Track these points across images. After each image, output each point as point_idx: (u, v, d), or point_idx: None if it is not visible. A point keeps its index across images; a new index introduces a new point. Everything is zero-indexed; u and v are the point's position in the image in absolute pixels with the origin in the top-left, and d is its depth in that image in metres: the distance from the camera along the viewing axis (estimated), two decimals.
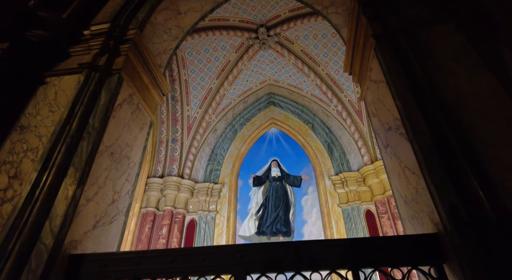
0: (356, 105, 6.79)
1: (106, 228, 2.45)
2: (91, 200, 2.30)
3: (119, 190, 2.71)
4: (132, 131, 3.06)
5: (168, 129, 7.02)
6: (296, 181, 6.79)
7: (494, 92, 2.04)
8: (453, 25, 2.50)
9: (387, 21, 2.67)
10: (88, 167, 2.29)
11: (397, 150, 2.36)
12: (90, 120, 2.54)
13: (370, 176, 6.27)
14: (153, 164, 6.86)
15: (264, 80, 7.69)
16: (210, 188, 6.78)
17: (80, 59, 2.98)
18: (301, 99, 7.62)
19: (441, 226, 1.73)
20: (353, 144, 6.79)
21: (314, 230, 6.17)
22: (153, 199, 6.51)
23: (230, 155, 7.52)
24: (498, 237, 1.54)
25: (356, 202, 6.18)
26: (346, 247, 1.80)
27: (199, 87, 7.09)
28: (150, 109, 3.50)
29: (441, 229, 1.73)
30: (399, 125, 2.27)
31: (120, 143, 2.80)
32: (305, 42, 6.81)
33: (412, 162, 2.07)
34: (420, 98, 2.15)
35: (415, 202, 2.10)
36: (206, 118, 7.23)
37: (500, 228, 1.56)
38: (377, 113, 2.82)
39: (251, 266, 1.81)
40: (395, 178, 2.49)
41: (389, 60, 2.45)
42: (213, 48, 6.81)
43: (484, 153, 1.80)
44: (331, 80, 6.89)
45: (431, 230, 1.85)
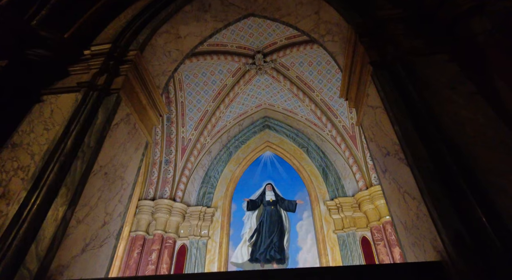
0: (350, 130, 6.87)
1: (95, 252, 2.33)
2: (81, 221, 2.20)
3: (111, 211, 2.61)
4: (128, 151, 3.01)
5: (162, 150, 6.94)
6: (291, 206, 6.68)
7: (490, 120, 2.08)
8: (447, 56, 2.59)
9: (384, 49, 2.75)
10: (81, 187, 2.21)
11: (396, 175, 2.35)
12: (86, 139, 2.49)
13: (366, 202, 6.22)
14: (145, 186, 6.71)
15: (260, 104, 7.78)
16: (202, 211, 6.61)
17: (79, 78, 2.98)
18: (296, 123, 7.69)
19: (445, 253, 1.69)
20: (347, 169, 6.79)
21: (309, 257, 5.98)
22: (143, 222, 6.29)
23: (224, 177, 7.42)
24: (505, 265, 1.51)
25: (351, 229, 6.07)
26: (347, 274, 1.73)
27: (195, 109, 7.12)
28: (147, 130, 3.47)
29: (445, 257, 1.69)
30: (397, 150, 2.28)
31: (114, 163, 2.74)
32: (300, 69, 6.99)
33: (412, 188, 2.06)
34: (418, 123, 2.17)
35: (416, 228, 2.06)
36: (201, 140, 7.20)
37: (506, 256, 1.52)
38: (375, 138, 2.84)
39: None
40: (394, 203, 2.46)
41: (386, 86, 2.50)
42: (211, 71, 6.93)
43: (486, 179, 1.80)
44: (326, 105, 7.02)
45: (434, 258, 1.81)
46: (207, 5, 3.89)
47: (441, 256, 1.73)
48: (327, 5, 3.45)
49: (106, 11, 3.70)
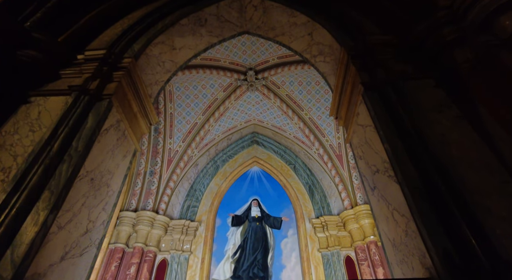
0: (337, 149, 6.98)
1: (75, 261, 2.21)
2: (63, 228, 2.10)
3: (94, 219, 2.51)
4: (115, 157, 2.94)
5: (147, 161, 6.80)
6: (276, 223, 6.60)
7: (474, 142, 2.17)
8: (434, 81, 2.72)
9: (374, 72, 2.86)
10: (65, 192, 2.13)
11: (385, 193, 2.39)
12: (74, 143, 2.42)
13: (350, 221, 6.24)
14: (127, 197, 6.49)
15: (249, 120, 7.83)
16: (186, 225, 6.42)
17: (70, 82, 2.93)
18: (284, 140, 7.75)
19: (433, 270, 1.71)
20: (333, 188, 6.84)
21: (293, 276, 5.87)
22: (123, 234, 6.04)
23: (209, 191, 7.30)
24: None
25: (336, 248, 6.03)
26: None
27: (184, 121, 7.08)
28: (136, 137, 3.42)
29: (434, 274, 1.70)
30: (387, 167, 2.33)
31: (101, 169, 2.66)
32: (291, 88, 7.14)
33: (401, 205, 2.09)
34: (407, 143, 2.24)
35: (405, 246, 2.07)
36: (189, 152, 7.12)
37: (494, 275, 1.55)
38: (364, 156, 2.90)
39: None
40: (382, 221, 2.48)
41: (377, 106, 2.59)
42: (202, 85, 6.97)
43: (472, 200, 1.85)
44: (314, 124, 7.13)
45: (422, 275, 1.82)
46: (204, 20, 3.96)
47: (430, 273, 1.74)
48: (320, 28, 3.59)
49: (102, 18, 3.71)
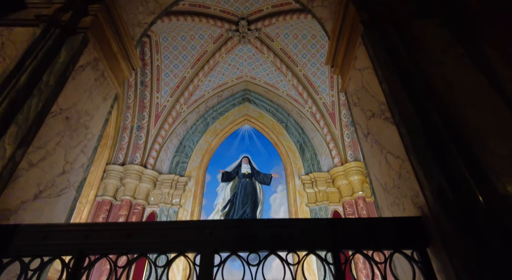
0: (330, 108, 6.83)
1: (51, 201, 2.10)
2: (35, 165, 1.95)
3: (72, 161, 2.36)
4: (94, 99, 2.72)
5: (134, 115, 6.55)
6: (266, 179, 6.63)
7: (479, 83, 2.04)
8: (439, 20, 2.52)
9: (375, 11, 2.65)
10: (35, 127, 1.95)
11: (380, 137, 2.29)
12: (44, 77, 2.19)
13: (340, 178, 6.29)
14: (114, 151, 6.34)
15: (241, 76, 7.52)
16: (175, 180, 6.39)
17: (38, 12, 2.61)
18: (276, 98, 7.54)
19: (426, 208, 1.65)
20: (324, 146, 6.80)
21: None
22: (111, 187, 5.98)
23: (199, 148, 7.20)
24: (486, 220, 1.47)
25: (324, 203, 6.14)
26: (328, 227, 1.65)
27: (172, 75, 6.73)
28: (117, 81, 3.17)
29: (426, 212, 1.64)
30: (384, 109, 2.20)
31: (78, 109, 2.46)
32: (285, 41, 6.77)
33: (396, 146, 2.00)
34: (407, 83, 2.10)
35: (397, 188, 2.01)
36: (177, 108, 6.88)
37: (488, 211, 1.49)
38: (359, 102, 2.76)
39: (221, 244, 1.60)
40: (375, 166, 2.41)
41: (377, 46, 2.41)
42: (190, 35, 6.53)
43: (473, 139, 1.75)
44: (308, 81, 6.89)
45: (414, 214, 1.77)
46: None
47: (422, 211, 1.69)
48: None
49: None
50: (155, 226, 1.68)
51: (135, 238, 1.62)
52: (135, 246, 1.61)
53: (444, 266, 1.49)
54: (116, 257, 1.59)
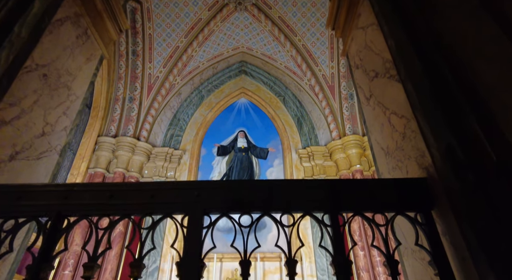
0: (330, 80, 6.61)
1: (30, 163, 1.95)
2: (8, 123, 1.79)
3: (53, 122, 2.20)
4: (76, 58, 2.52)
5: (125, 86, 6.31)
6: (263, 153, 6.52)
7: (496, 36, 1.86)
8: None
9: None
10: (6, 81, 1.77)
11: (383, 97, 2.14)
12: (16, 29, 1.97)
13: (337, 151, 6.20)
14: (106, 123, 6.16)
15: (237, 47, 7.21)
16: (169, 153, 6.27)
17: None
18: (274, 70, 7.28)
19: (432, 169, 1.53)
20: (322, 120, 6.65)
21: None
22: (103, 159, 5.85)
23: (194, 121, 7.02)
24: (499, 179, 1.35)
25: (321, 176, 6.08)
26: (326, 188, 1.53)
27: (165, 44, 6.43)
28: (103, 42, 2.95)
29: (432, 173, 1.52)
30: (389, 67, 2.04)
31: (57, 67, 2.27)
32: (284, 9, 6.42)
33: (401, 105, 1.85)
34: (415, 37, 1.92)
35: (400, 150, 1.89)
36: (170, 79, 6.62)
37: (501, 170, 1.37)
38: (362, 63, 2.58)
39: (210, 205, 1.48)
40: (376, 130, 2.28)
41: None
42: (184, 2, 6.17)
43: (488, 95, 1.60)
44: (307, 52, 6.62)
45: (418, 176, 1.65)
46: None
47: (428, 172, 1.56)
48: None
49: None
50: (139, 187, 1.55)
51: (117, 199, 1.50)
52: (117, 208, 1.49)
53: (450, 228, 1.39)
54: (97, 219, 1.46)
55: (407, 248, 1.82)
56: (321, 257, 5.29)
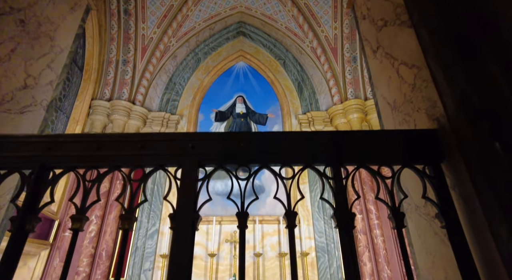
0: (332, 42, 6.31)
1: (13, 117, 1.83)
2: None
3: (36, 75, 2.05)
4: (58, 6, 2.30)
5: (118, 48, 6.01)
6: (262, 119, 6.40)
7: None
8: None
9: None
10: None
11: (392, 48, 1.98)
12: None
13: (338, 116, 6.07)
14: (100, 86, 5.96)
15: (235, 6, 6.79)
16: (166, 118, 6.14)
17: None
18: (274, 32, 6.92)
19: (444, 119, 1.41)
20: (324, 84, 6.45)
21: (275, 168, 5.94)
22: (98, 123, 5.74)
23: (190, 85, 6.81)
24: None
25: None
26: (328, 140, 1.43)
27: (158, 3, 6.03)
28: None
29: (444, 123, 1.41)
30: (400, 13, 1.86)
31: (37, 14, 2.07)
32: None
33: (412, 54, 1.70)
34: None
35: (409, 103, 1.77)
36: (165, 41, 6.30)
37: None
38: (369, 13, 2.38)
39: (206, 158, 1.39)
40: (383, 84, 2.14)
41: None
42: None
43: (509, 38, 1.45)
44: (309, 11, 6.24)
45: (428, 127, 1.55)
46: None
47: (439, 123, 1.45)
48: None
49: None
50: (129, 138, 1.44)
51: (106, 151, 1.40)
52: (106, 159, 1.39)
53: (461, 180, 1.31)
54: (84, 171, 1.38)
55: (411, 204, 1.76)
56: (318, 220, 5.37)
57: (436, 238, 1.48)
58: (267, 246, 5.28)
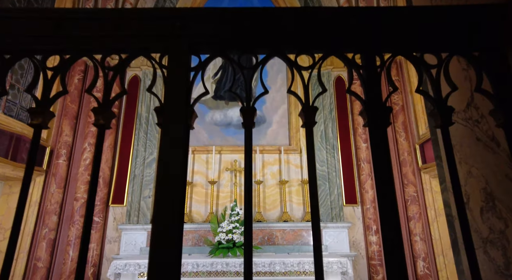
0: None
1: None
2: None
3: None
4: None
5: None
6: None
7: None
8: None
9: None
10: None
11: None
12: None
13: None
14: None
15: None
16: None
17: None
18: None
19: None
20: None
21: (278, 96, 5.65)
22: None
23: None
24: None
25: (328, 68, 5.60)
26: (359, 17, 1.10)
27: None
28: None
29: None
30: None
31: None
32: None
33: None
34: None
35: None
36: None
37: None
38: None
39: (199, 40, 1.07)
40: None
41: None
42: None
43: None
44: None
45: None
46: None
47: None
48: None
49: None
50: (97, 15, 1.10)
51: (68, 30, 1.07)
52: (69, 41, 1.07)
53: None
54: (42, 57, 1.07)
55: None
56: (320, 150, 5.27)
57: (478, 145, 1.25)
58: (267, 175, 5.28)
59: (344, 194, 5.04)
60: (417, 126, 4.89)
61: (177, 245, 0.81)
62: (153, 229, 0.81)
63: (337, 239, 4.78)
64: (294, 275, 3.95)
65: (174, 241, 0.81)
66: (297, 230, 4.72)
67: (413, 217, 4.64)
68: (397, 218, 0.85)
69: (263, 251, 4.54)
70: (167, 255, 0.79)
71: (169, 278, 0.76)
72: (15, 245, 0.80)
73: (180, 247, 0.82)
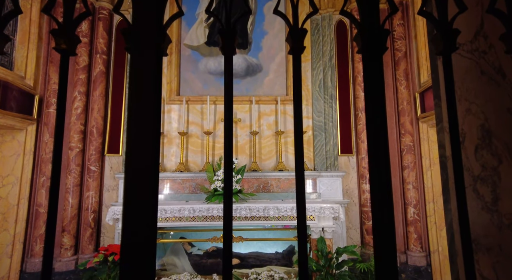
0: None
1: None
2: None
3: None
4: None
5: None
6: None
7: None
8: None
9: None
10: None
11: None
12: None
13: None
14: None
15: None
16: None
17: None
18: None
19: None
20: None
21: (275, 43, 5.37)
22: None
23: None
24: None
25: (328, 11, 5.23)
26: None
27: None
28: None
29: None
30: None
31: None
32: None
33: None
34: None
35: None
36: None
37: None
38: None
39: None
40: None
41: None
42: None
43: None
44: None
45: None
46: None
47: None
48: None
49: None
50: None
51: None
52: None
53: None
54: None
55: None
56: (318, 100, 5.15)
57: (482, 79, 1.16)
58: (263, 126, 5.23)
59: (340, 144, 5.05)
60: (419, 74, 4.71)
61: (154, 156, 0.76)
62: (127, 142, 0.75)
63: (330, 187, 4.90)
64: (287, 219, 4.11)
65: (150, 151, 0.75)
66: (291, 179, 4.82)
67: (408, 166, 4.71)
68: (386, 148, 0.79)
69: (258, 198, 4.69)
70: (143, 166, 0.74)
71: (145, 180, 0.72)
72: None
73: (156, 157, 0.77)
